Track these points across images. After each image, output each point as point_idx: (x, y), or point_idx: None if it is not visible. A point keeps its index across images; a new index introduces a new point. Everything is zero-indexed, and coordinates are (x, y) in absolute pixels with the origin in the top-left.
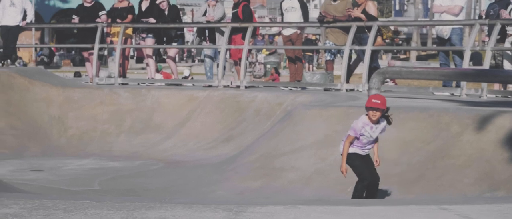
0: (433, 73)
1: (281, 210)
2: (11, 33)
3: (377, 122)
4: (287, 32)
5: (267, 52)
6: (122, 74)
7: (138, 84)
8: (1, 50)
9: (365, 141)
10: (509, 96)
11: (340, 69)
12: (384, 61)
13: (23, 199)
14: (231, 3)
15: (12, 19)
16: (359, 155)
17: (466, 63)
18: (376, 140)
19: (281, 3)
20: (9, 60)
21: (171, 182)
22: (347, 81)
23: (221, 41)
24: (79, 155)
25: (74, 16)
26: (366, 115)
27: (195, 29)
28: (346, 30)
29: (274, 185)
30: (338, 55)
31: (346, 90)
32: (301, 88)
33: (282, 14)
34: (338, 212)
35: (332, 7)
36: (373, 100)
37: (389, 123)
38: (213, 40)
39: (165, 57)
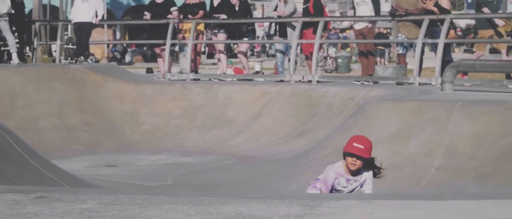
0: (507, 66)
1: (356, 205)
2: (84, 29)
3: (356, 172)
4: (359, 26)
5: (348, 48)
6: (194, 69)
7: (210, 79)
8: (74, 47)
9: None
10: None
11: (412, 63)
12: (457, 54)
13: (99, 194)
14: None
15: (85, 15)
16: None
17: None
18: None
19: None
20: (82, 57)
21: (244, 177)
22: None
23: (293, 36)
24: (152, 151)
25: (146, 13)
26: (344, 161)
27: (266, 25)
28: (418, 23)
29: None
30: (410, 48)
31: (419, 84)
32: (373, 82)
33: (353, 8)
34: (414, 206)
35: (404, 0)
36: (355, 144)
37: (374, 175)
38: (284, 35)
39: (236, 52)
